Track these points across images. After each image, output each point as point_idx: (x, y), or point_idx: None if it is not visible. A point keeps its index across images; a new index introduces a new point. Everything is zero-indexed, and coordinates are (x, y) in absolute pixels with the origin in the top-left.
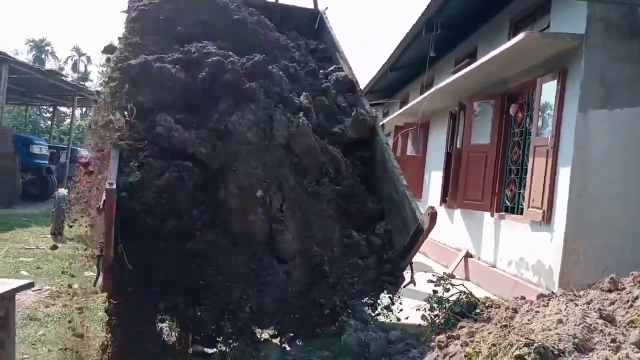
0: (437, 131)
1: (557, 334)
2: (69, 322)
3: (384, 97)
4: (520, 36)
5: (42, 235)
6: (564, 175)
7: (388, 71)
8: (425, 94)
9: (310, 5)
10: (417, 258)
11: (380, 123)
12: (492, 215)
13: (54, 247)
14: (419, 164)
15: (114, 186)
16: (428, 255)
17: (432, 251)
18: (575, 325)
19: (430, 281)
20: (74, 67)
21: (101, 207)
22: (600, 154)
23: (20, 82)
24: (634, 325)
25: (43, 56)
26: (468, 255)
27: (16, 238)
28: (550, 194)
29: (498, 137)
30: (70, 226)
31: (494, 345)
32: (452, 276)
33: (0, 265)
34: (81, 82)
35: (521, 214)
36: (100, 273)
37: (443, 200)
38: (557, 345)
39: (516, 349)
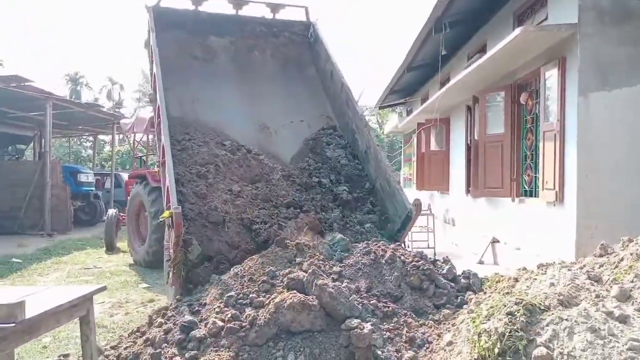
0: (456, 125)
1: (544, 293)
2: None
3: (406, 96)
4: (516, 31)
5: (98, 256)
6: (571, 156)
7: (405, 72)
8: (439, 92)
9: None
10: (448, 248)
11: (404, 121)
12: (512, 201)
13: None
14: (444, 158)
15: (179, 209)
16: (459, 245)
17: (462, 240)
18: (564, 285)
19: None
20: (109, 96)
21: (171, 224)
22: (603, 133)
23: (62, 116)
24: (616, 282)
25: (79, 88)
26: (495, 241)
27: (74, 260)
28: (560, 175)
29: (511, 125)
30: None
31: (491, 307)
32: (481, 262)
33: (65, 285)
34: (116, 110)
35: (538, 196)
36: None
37: (467, 191)
38: (544, 302)
39: (507, 308)
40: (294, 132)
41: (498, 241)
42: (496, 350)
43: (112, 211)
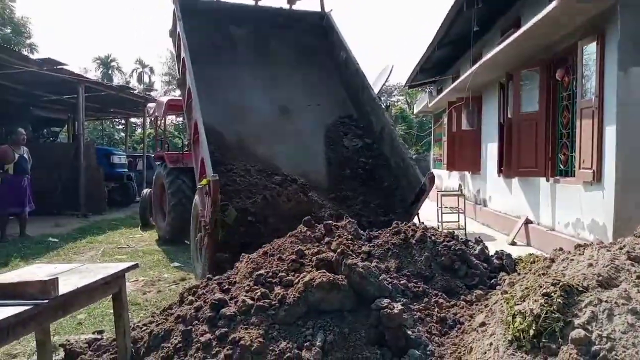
0: (489, 103)
1: (582, 274)
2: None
3: (435, 74)
4: (554, 3)
5: (131, 236)
6: (610, 134)
7: (436, 49)
8: (472, 68)
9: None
10: (480, 229)
11: (434, 100)
12: (547, 181)
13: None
14: (475, 138)
15: (217, 177)
16: (490, 226)
17: (494, 221)
18: (603, 266)
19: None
20: (139, 79)
21: (208, 191)
22: None
23: (95, 99)
24: None
25: (110, 72)
26: (528, 222)
27: (109, 240)
28: (598, 154)
29: (547, 103)
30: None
31: (526, 288)
32: (513, 243)
33: (100, 263)
34: (147, 92)
35: (574, 176)
36: (205, 237)
37: (500, 171)
38: (582, 283)
39: (544, 289)
40: (314, 116)
41: (531, 222)
42: (531, 332)
43: (146, 190)
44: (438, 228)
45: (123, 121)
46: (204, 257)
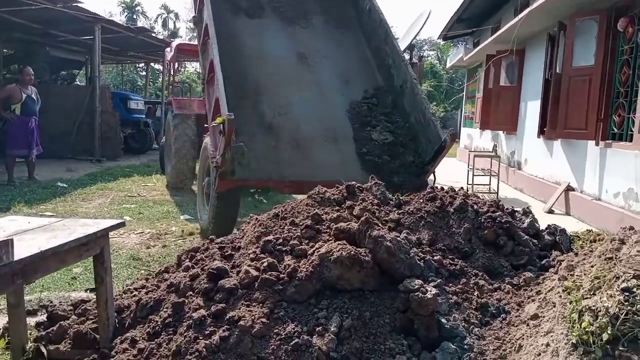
0: (533, 57)
1: None
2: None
3: (474, 25)
4: None
5: (144, 184)
6: None
7: None
8: (520, 15)
9: None
10: (513, 194)
11: (470, 54)
12: (597, 144)
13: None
14: (514, 95)
15: (232, 115)
16: (524, 191)
17: (529, 186)
18: None
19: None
20: (164, 25)
21: (222, 130)
22: None
23: (113, 42)
24: None
25: (135, 17)
26: (569, 189)
27: (120, 187)
28: None
29: (604, 56)
30: None
31: (597, 278)
32: (551, 211)
33: (107, 212)
34: (171, 39)
35: (630, 140)
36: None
37: (541, 132)
38: None
39: (623, 282)
40: (333, 65)
41: (573, 189)
42: (605, 336)
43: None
44: (467, 191)
45: (144, 66)
46: (212, 201)
